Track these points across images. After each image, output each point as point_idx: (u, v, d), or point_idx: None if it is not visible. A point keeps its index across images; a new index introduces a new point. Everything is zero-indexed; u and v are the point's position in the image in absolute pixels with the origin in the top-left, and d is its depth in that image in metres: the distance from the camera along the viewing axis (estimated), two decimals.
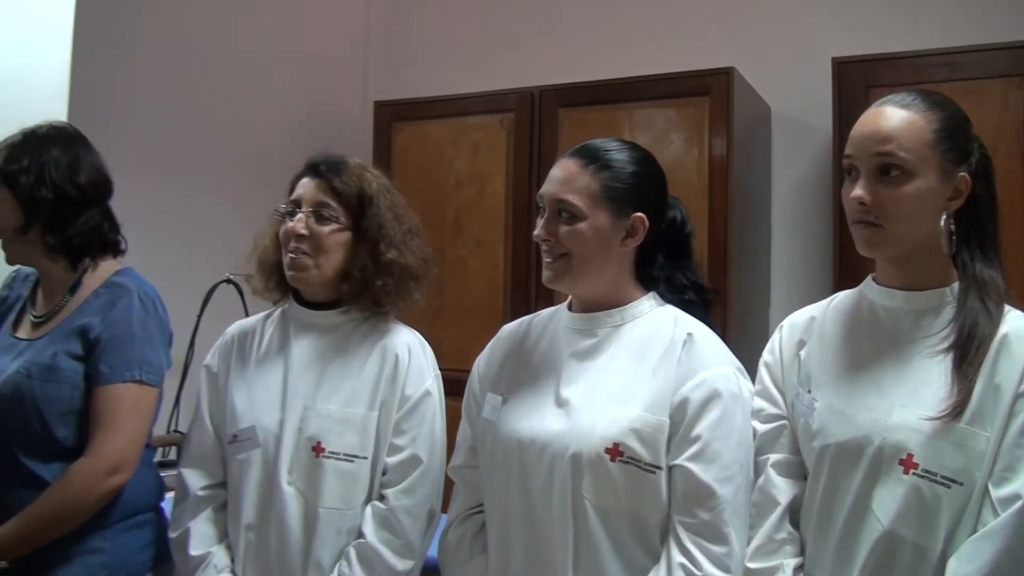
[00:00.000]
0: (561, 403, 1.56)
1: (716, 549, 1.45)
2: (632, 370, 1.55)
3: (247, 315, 2.02)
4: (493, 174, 3.33)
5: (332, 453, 1.74)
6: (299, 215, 1.80)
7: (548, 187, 1.59)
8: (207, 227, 3.43)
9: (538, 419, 1.56)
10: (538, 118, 3.26)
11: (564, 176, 1.58)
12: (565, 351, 1.62)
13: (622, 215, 1.57)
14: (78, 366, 1.79)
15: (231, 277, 3.20)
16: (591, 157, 1.59)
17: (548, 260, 1.59)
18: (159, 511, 1.95)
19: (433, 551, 1.82)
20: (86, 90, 2.97)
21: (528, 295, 3.17)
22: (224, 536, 1.83)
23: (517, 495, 1.57)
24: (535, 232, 1.60)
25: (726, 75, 2.94)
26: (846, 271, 2.68)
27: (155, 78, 3.28)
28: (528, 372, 1.65)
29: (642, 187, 1.61)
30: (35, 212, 1.83)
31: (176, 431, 3.05)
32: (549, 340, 1.67)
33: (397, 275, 1.81)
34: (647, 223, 1.60)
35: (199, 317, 3.14)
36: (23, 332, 1.89)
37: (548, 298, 2.48)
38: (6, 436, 1.79)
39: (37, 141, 1.86)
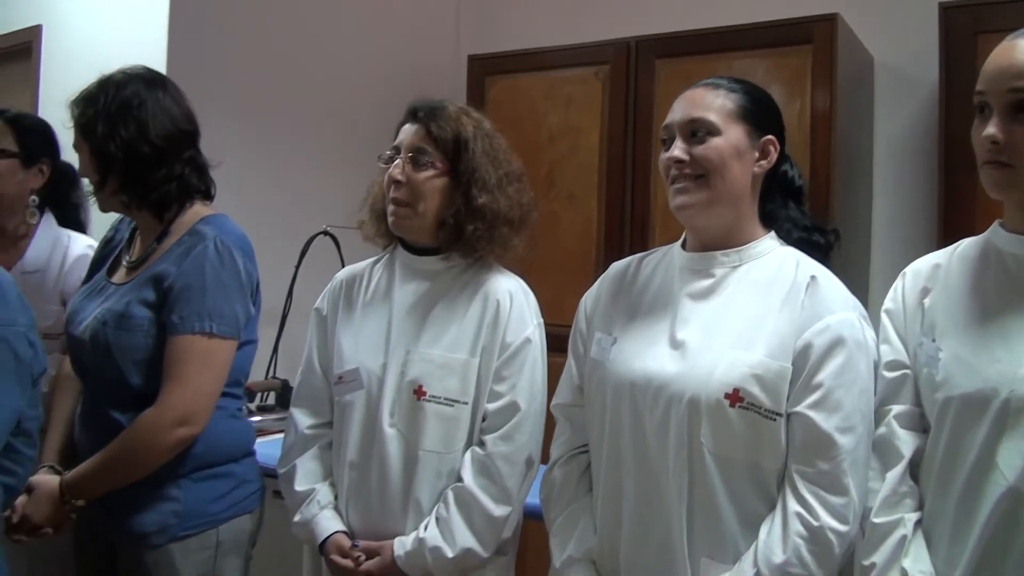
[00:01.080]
0: (676, 344, 1.53)
1: (834, 500, 1.42)
2: (752, 313, 1.51)
3: (343, 266, 2.04)
4: (587, 127, 3.30)
5: (433, 397, 1.76)
6: (398, 161, 1.81)
7: (678, 112, 1.57)
8: (305, 181, 3.49)
9: (652, 360, 1.54)
10: (634, 70, 3.21)
11: (695, 99, 1.56)
12: (680, 291, 1.58)
13: (755, 135, 1.55)
14: (151, 314, 1.78)
15: (328, 229, 3.25)
16: (719, 83, 1.58)
17: (680, 185, 1.54)
18: (244, 461, 1.93)
19: (532, 499, 1.83)
20: (184, 48, 3.04)
21: (621, 250, 3.14)
22: (329, 474, 1.88)
23: (628, 437, 1.55)
24: (666, 157, 1.55)
25: (830, 22, 2.85)
26: (950, 228, 2.60)
27: (254, 35, 3.34)
28: (639, 311, 1.63)
29: (770, 112, 1.60)
30: (108, 168, 1.81)
31: (275, 377, 3.14)
32: (662, 279, 1.64)
33: (489, 220, 1.80)
34: (777, 147, 1.58)
35: (297, 268, 3.21)
36: (116, 277, 1.91)
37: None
38: (90, 379, 1.84)
39: (113, 89, 1.82)
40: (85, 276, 2.01)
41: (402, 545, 1.75)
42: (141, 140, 1.80)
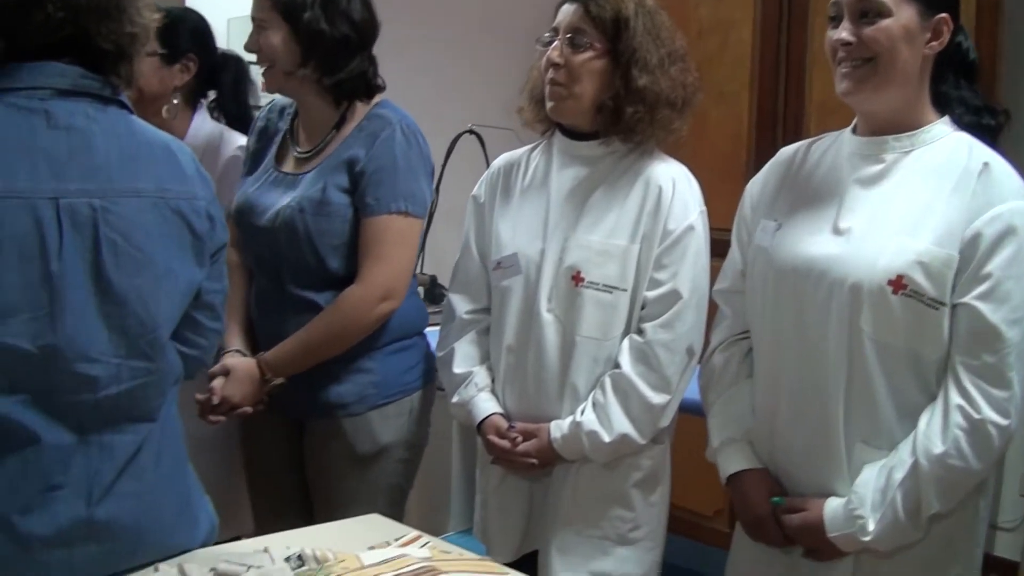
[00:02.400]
0: (841, 231, 1.50)
1: (997, 393, 1.39)
2: (921, 199, 1.46)
3: (488, 165, 2.05)
4: (738, 21, 3.17)
5: (591, 283, 1.76)
6: (556, 43, 1.78)
7: None
8: (451, 80, 3.49)
9: (816, 246, 1.51)
10: None
11: None
12: (848, 177, 1.54)
13: (927, 14, 1.47)
14: (347, 199, 1.85)
15: (473, 128, 3.26)
16: None
17: (847, 69, 1.49)
18: (423, 335, 2.05)
19: (690, 394, 1.83)
20: None
21: (773, 151, 3.04)
22: (486, 358, 1.91)
23: (790, 323, 1.53)
24: (833, 39, 1.50)
25: None
26: None
27: None
28: (805, 198, 1.59)
29: None
30: (313, 51, 1.84)
31: (422, 273, 3.19)
32: (830, 165, 1.59)
33: (650, 102, 1.76)
34: (951, 25, 1.49)
35: (443, 167, 3.23)
36: (288, 166, 1.96)
37: None
38: (279, 266, 1.90)
39: None
40: (246, 168, 2.06)
41: (559, 428, 1.77)
42: (350, 25, 1.85)
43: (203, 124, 2.28)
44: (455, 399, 1.89)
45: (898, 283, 1.42)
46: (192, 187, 1.35)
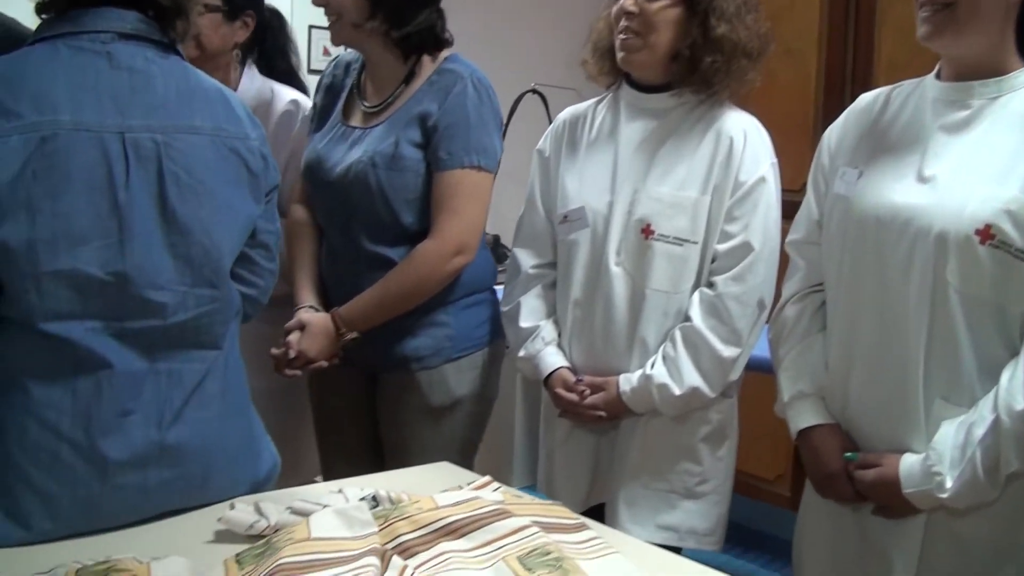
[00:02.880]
0: (926, 178, 1.45)
1: None
2: (1009, 147, 1.41)
3: (550, 124, 2.03)
4: None
5: (661, 236, 1.74)
6: None
7: None
8: (515, 39, 3.47)
9: (899, 194, 1.47)
10: None
11: None
12: (932, 123, 1.49)
13: None
14: (419, 154, 1.85)
15: (536, 87, 3.24)
16: None
17: (927, 13, 1.44)
18: (493, 290, 2.05)
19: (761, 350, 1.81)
20: None
21: (841, 110, 2.99)
22: (552, 312, 1.90)
23: (869, 274, 1.49)
24: None
25: None
26: None
27: None
28: (887, 145, 1.55)
29: None
30: (381, 3, 1.83)
31: (485, 233, 3.18)
32: (912, 111, 1.55)
33: (728, 52, 1.73)
34: None
35: (506, 126, 3.21)
36: (356, 120, 1.96)
37: None
38: (352, 221, 1.91)
39: None
40: (314, 125, 2.06)
41: (628, 381, 1.76)
42: None
43: (252, 81, 2.29)
44: (521, 353, 1.89)
45: (985, 233, 1.37)
46: (245, 128, 1.39)
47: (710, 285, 1.75)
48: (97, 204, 1.23)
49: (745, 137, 1.75)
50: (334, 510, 1.09)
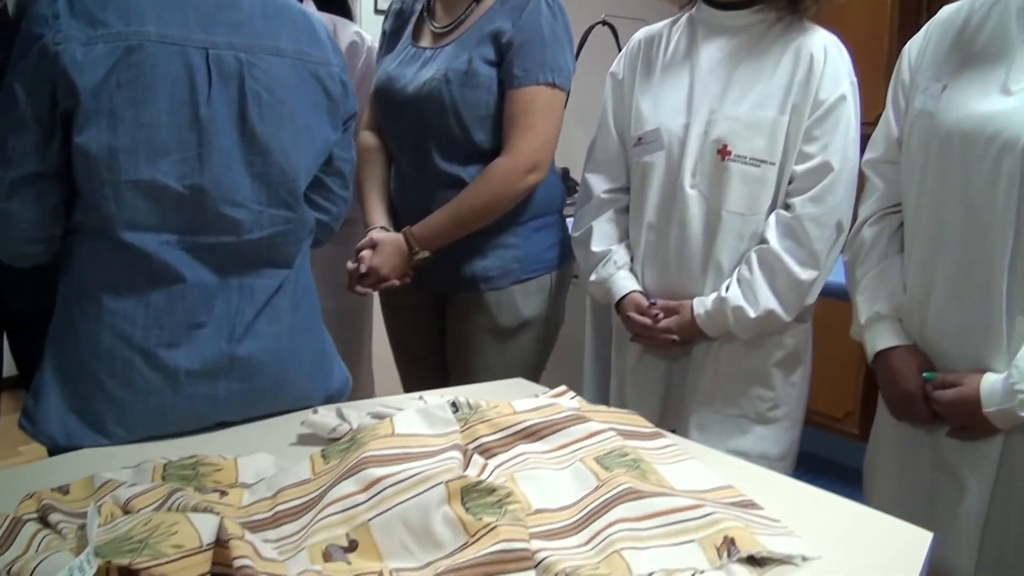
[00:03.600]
0: (1012, 91, 1.41)
1: None
2: None
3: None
4: None
5: (738, 157, 1.71)
6: None
7: None
8: None
9: (985, 107, 1.43)
10: None
11: None
12: (1017, 35, 1.44)
13: None
14: (492, 71, 1.85)
15: (606, 19, 3.20)
16: None
17: None
18: (562, 216, 2.06)
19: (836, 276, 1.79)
20: None
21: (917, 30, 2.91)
22: (624, 236, 1.90)
23: (953, 190, 1.46)
24: None
25: None
26: None
27: None
28: (972, 57, 1.50)
29: None
30: None
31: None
32: (996, 21, 1.50)
33: None
34: None
35: (575, 58, 3.18)
36: (426, 42, 1.96)
37: None
38: (424, 140, 1.91)
39: None
40: (384, 50, 2.06)
41: (702, 304, 1.76)
42: None
43: (312, 14, 2.27)
44: (593, 277, 1.89)
45: None
46: (327, 54, 1.40)
47: (787, 207, 1.73)
48: (178, 117, 1.24)
49: (825, 54, 1.71)
50: (416, 409, 1.12)
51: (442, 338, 2.05)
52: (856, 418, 3.11)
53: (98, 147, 1.20)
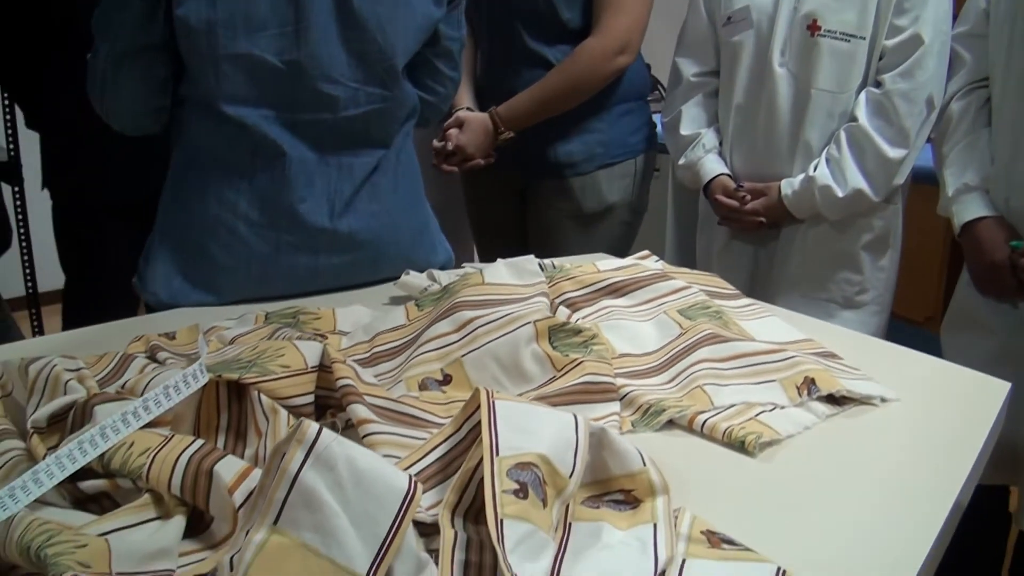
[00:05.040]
0: None
1: None
2: None
3: None
4: None
5: (828, 32, 1.70)
6: None
7: None
8: None
9: None
10: None
11: None
12: None
13: None
14: None
15: None
16: None
17: None
18: (647, 102, 2.05)
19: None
20: None
21: None
22: (714, 120, 1.90)
23: None
24: None
25: None
26: None
27: None
28: None
29: None
30: None
31: None
32: None
33: None
34: None
35: None
36: None
37: None
38: (511, 19, 1.92)
39: None
40: None
41: (790, 185, 1.76)
42: None
43: None
44: (681, 161, 1.90)
45: None
46: None
47: (877, 84, 1.70)
48: None
49: None
50: (505, 263, 1.16)
51: (524, 223, 2.08)
52: (937, 322, 3.07)
53: (197, 20, 1.23)
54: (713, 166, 1.85)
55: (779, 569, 0.68)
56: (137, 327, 1.20)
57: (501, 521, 0.64)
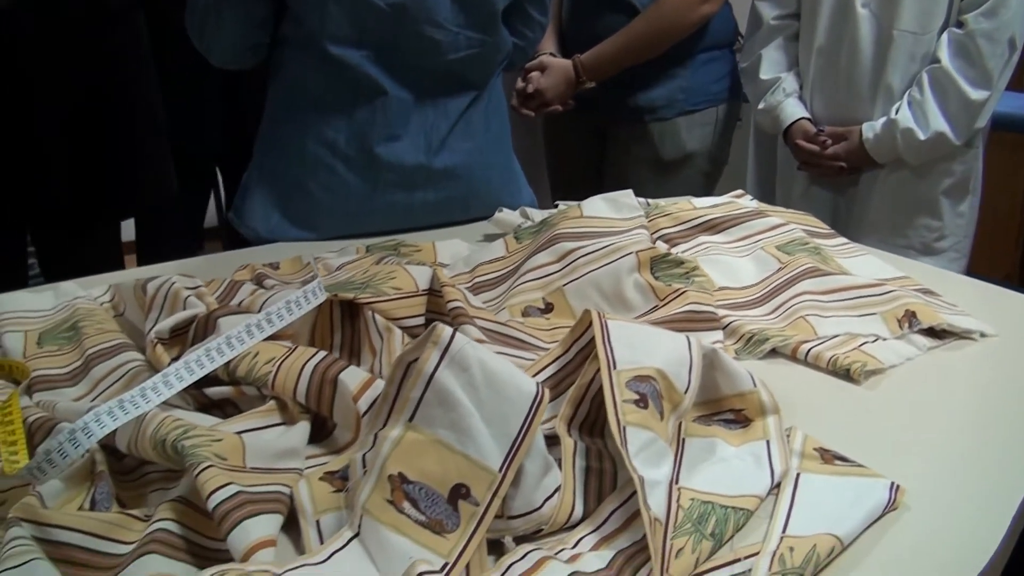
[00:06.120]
0: None
1: None
2: None
3: None
4: None
5: None
6: None
7: None
8: None
9: None
10: None
11: None
12: None
13: None
14: None
15: None
16: None
17: None
18: (731, 51, 2.03)
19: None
20: None
21: None
22: (794, 64, 1.88)
23: None
24: None
25: None
26: None
27: None
28: None
29: None
30: None
31: None
32: None
33: None
34: None
35: None
36: None
37: None
38: None
39: None
40: None
41: (871, 128, 1.74)
42: None
43: None
44: (761, 106, 1.88)
45: None
46: None
47: (959, 25, 1.68)
48: None
49: None
50: (602, 197, 1.16)
51: (602, 169, 2.08)
52: (1016, 281, 3.03)
53: None
54: (793, 110, 1.84)
55: (893, 484, 0.68)
56: (239, 259, 1.24)
57: (624, 428, 0.66)
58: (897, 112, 1.71)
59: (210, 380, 0.79)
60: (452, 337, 0.64)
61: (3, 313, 0.99)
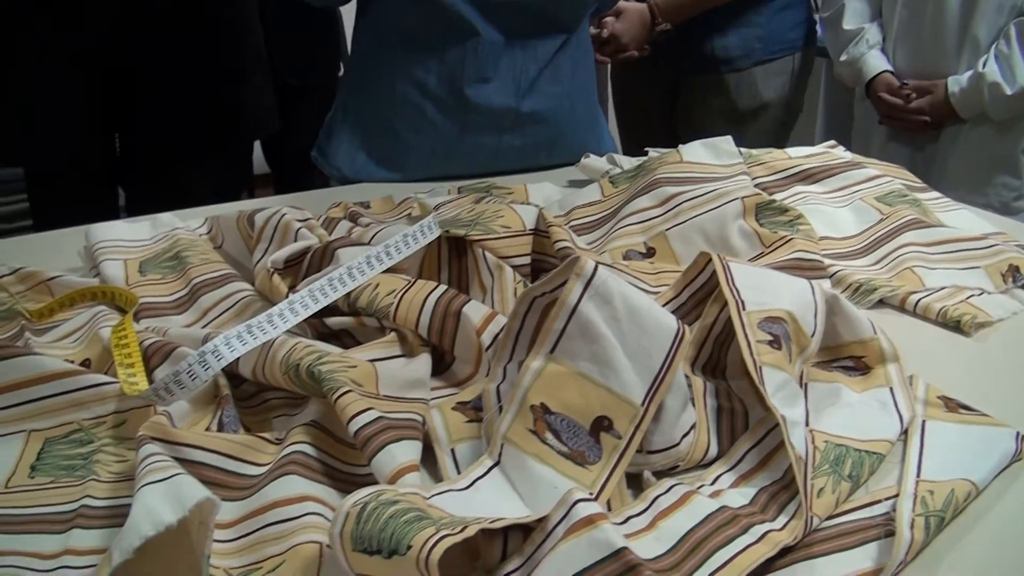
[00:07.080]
0: None
1: None
2: None
3: None
4: None
5: None
6: None
7: None
8: None
9: None
10: None
11: None
12: None
13: None
14: None
15: None
16: None
17: None
18: None
19: None
20: None
21: None
22: (878, 14, 1.85)
23: None
24: None
25: None
26: None
27: None
28: None
29: None
30: None
31: None
32: None
33: None
34: None
35: None
36: None
37: None
38: None
39: None
40: None
41: (957, 82, 1.71)
42: None
43: None
44: (843, 57, 1.85)
45: None
46: None
47: None
48: None
49: None
50: (701, 142, 1.15)
51: (674, 120, 2.06)
52: None
53: None
54: (877, 63, 1.81)
55: (1019, 434, 0.68)
56: (327, 197, 1.24)
57: (760, 368, 0.66)
58: (984, 66, 1.67)
59: (330, 310, 0.79)
60: (595, 269, 0.64)
61: (101, 242, 1.00)
